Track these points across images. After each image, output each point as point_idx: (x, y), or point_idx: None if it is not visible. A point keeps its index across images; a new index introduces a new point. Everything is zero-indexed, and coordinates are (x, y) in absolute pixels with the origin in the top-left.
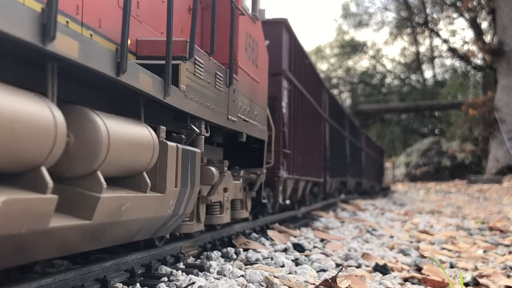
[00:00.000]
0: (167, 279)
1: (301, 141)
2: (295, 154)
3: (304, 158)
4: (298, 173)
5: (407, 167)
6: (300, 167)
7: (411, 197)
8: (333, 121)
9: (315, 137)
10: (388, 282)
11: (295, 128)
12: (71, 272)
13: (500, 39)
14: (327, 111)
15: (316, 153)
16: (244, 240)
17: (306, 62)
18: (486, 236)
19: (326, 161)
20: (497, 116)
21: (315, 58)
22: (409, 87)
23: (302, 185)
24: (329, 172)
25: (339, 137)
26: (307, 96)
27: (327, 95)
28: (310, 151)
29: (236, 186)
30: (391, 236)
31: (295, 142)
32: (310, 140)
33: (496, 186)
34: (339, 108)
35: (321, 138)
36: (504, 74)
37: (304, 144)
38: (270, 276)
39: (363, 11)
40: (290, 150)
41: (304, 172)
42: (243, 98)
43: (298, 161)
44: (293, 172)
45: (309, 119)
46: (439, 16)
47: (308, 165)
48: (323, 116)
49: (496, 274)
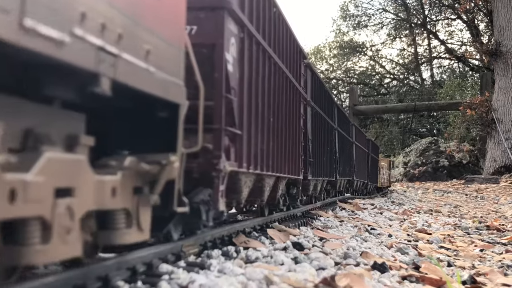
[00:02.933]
0: (168, 277)
1: (266, 121)
2: (255, 139)
3: (271, 146)
4: (261, 166)
5: (406, 167)
6: (265, 158)
7: (410, 196)
8: (318, 107)
9: (290, 121)
10: (387, 280)
11: (252, 100)
12: (72, 270)
13: (497, 40)
14: (310, 92)
15: (292, 142)
16: (244, 239)
17: (274, 11)
18: (483, 235)
19: (308, 154)
20: (495, 116)
21: (314, 58)
22: (407, 88)
23: (270, 184)
24: (312, 168)
25: (326, 128)
26: (275, 59)
27: (309, 73)
28: (282, 138)
29: (101, 185)
30: (390, 235)
31: (255, 121)
32: (281, 123)
33: (494, 185)
34: (327, 93)
35: (298, 124)
36: (501, 75)
37: (271, 127)
38: (270, 274)
39: (362, 12)
40: (242, 130)
41: (273, 166)
42: (99, 3)
43: (260, 149)
44: (251, 164)
45: (280, 94)
46: (437, 18)
47: (279, 156)
48: (303, 95)
49: (493, 272)
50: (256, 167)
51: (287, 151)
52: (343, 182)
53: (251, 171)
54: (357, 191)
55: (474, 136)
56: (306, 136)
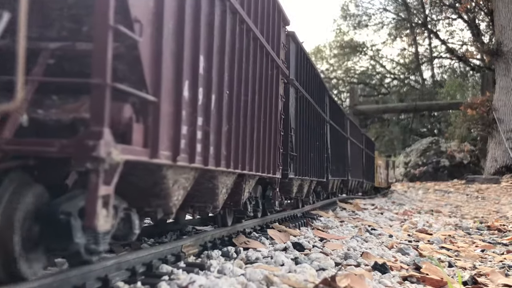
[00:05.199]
0: (168, 277)
1: (217, 91)
2: (191, 114)
3: (228, 130)
4: (206, 157)
5: (406, 167)
6: (216, 147)
7: (410, 196)
8: (305, 90)
9: (262, 100)
10: (387, 281)
11: (185, 49)
12: (72, 271)
13: (498, 40)
14: (294, 69)
15: (265, 129)
16: (244, 239)
17: None
18: (484, 235)
19: (289, 147)
20: (496, 116)
21: (315, 58)
22: (408, 88)
23: (228, 184)
24: (295, 165)
25: (316, 118)
26: (233, 4)
27: (293, 45)
28: (248, 122)
29: None
30: (390, 235)
31: (192, 86)
32: (247, 100)
33: (495, 185)
34: (317, 77)
35: (276, 106)
36: (502, 75)
37: (227, 102)
38: (270, 274)
39: (363, 12)
40: (159, 96)
41: (234, 159)
42: None
43: (204, 131)
44: (183, 153)
45: (246, 59)
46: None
47: (244, 147)
48: (283, 71)
49: (495, 273)
50: (193, 159)
51: (257, 141)
52: (337, 182)
53: (185, 164)
54: (352, 191)
55: (475, 136)
56: (287, 124)
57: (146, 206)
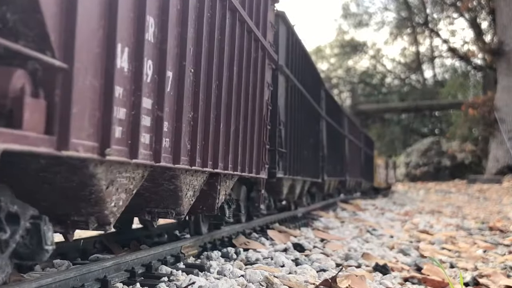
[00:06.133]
0: (167, 279)
1: (176, 67)
2: (135, 93)
3: (194, 119)
4: (158, 151)
5: (407, 167)
6: (175, 139)
7: (411, 197)
8: (297, 80)
9: (244, 87)
10: (388, 282)
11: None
12: (71, 272)
13: (500, 39)
14: (284, 55)
15: (247, 121)
16: (244, 240)
17: None
18: (486, 236)
19: (278, 143)
20: (497, 116)
21: (315, 58)
22: (409, 87)
23: (196, 185)
24: (285, 163)
25: (310, 113)
26: None
27: (283, 28)
28: (225, 111)
29: None
30: (391, 236)
31: (135, 54)
32: (224, 85)
33: (496, 186)
34: (312, 66)
35: (262, 95)
36: (504, 74)
37: (192, 83)
38: (270, 276)
39: (363, 11)
40: (70, 61)
41: (202, 155)
42: None
43: (157, 118)
44: (111, 145)
45: (221, 36)
46: (439, 16)
47: (217, 140)
48: (271, 55)
49: (496, 274)
50: (135, 153)
51: (235, 134)
52: (333, 183)
53: (122, 160)
54: (350, 191)
55: (477, 136)
56: (276, 117)
57: (75, 214)
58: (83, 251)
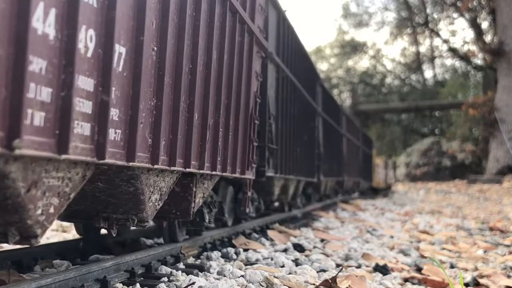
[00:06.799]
0: (167, 279)
1: (130, 40)
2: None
3: (156, 105)
4: (101, 146)
5: (407, 167)
6: (130, 128)
7: (411, 197)
8: (289, 70)
9: (226, 74)
10: (388, 282)
11: None
12: (71, 272)
13: (500, 39)
14: (274, 42)
15: (230, 113)
16: (244, 240)
17: None
18: (486, 236)
19: (268, 139)
20: (497, 116)
21: (315, 58)
22: (409, 87)
23: (164, 188)
24: (275, 161)
25: (304, 107)
26: None
27: (273, 12)
28: (202, 99)
29: None
30: (391, 236)
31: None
32: (200, 71)
33: (496, 186)
34: (305, 57)
35: (249, 86)
36: (504, 74)
37: (156, 60)
38: (270, 276)
39: (363, 11)
40: None
41: (169, 151)
42: None
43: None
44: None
45: (198, 20)
46: (440, 16)
47: (190, 133)
48: (260, 41)
49: (496, 274)
50: (65, 146)
51: (215, 128)
52: (330, 183)
53: (45, 155)
54: (348, 192)
55: (477, 136)
56: (265, 110)
57: None
58: (83, 252)
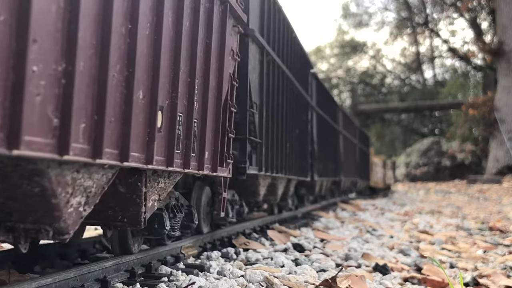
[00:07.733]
0: (167, 279)
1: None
2: None
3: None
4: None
5: (407, 167)
6: (61, 108)
7: (411, 197)
8: (276, 53)
9: (185, 39)
10: (388, 282)
11: None
12: (71, 272)
13: (500, 39)
14: (257, 21)
15: (198, 96)
16: (244, 240)
17: None
18: (486, 236)
19: (250, 130)
20: (497, 116)
21: (315, 58)
22: (409, 87)
23: (97, 188)
24: (259, 156)
25: (294, 97)
26: None
27: None
28: (155, 76)
29: None
30: (391, 236)
31: None
32: (162, 48)
33: (496, 186)
34: (297, 46)
35: (221, 66)
36: (504, 74)
37: None
38: (270, 276)
39: (363, 11)
40: None
41: (108, 141)
42: None
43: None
44: None
45: None
46: (439, 16)
47: (125, 114)
48: (237, 13)
49: (496, 274)
50: None
51: (171, 111)
52: (326, 184)
53: None
54: (345, 192)
55: (477, 136)
56: (246, 97)
57: None
58: (83, 251)
